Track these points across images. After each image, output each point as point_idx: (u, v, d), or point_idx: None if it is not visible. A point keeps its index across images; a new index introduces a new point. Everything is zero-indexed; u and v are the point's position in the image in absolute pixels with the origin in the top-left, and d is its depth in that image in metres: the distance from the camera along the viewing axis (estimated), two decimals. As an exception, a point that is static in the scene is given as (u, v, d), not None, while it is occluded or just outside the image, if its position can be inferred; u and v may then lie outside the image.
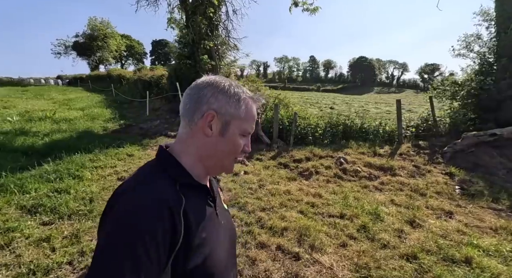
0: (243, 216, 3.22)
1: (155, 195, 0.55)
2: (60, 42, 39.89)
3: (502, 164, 5.48)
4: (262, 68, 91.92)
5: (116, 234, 0.49)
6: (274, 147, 6.48)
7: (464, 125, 6.75)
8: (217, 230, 0.68)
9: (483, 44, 7.44)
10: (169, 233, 0.52)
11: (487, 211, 3.77)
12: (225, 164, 0.69)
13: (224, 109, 0.64)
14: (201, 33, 7.78)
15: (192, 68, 8.32)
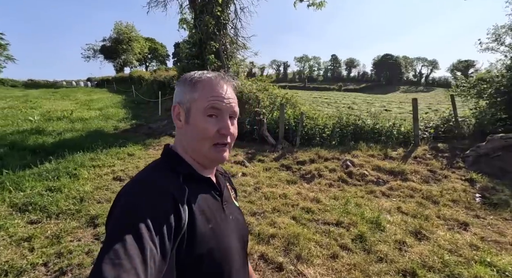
0: (230, 220, 3.08)
1: (159, 184, 0.58)
2: (89, 47, 42.31)
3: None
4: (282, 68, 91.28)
5: (120, 222, 0.51)
6: (278, 148, 6.27)
7: (492, 127, 6.09)
8: (224, 224, 0.68)
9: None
10: (173, 218, 0.53)
11: (510, 223, 3.31)
12: (204, 151, 0.66)
13: (183, 98, 0.66)
14: (208, 33, 7.76)
15: (200, 68, 8.33)
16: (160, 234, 0.50)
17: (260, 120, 6.93)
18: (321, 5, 6.21)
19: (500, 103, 6.22)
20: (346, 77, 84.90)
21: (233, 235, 0.70)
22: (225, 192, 0.77)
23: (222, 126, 0.65)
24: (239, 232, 0.74)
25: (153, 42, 56.05)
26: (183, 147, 0.68)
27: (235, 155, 5.56)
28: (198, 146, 0.66)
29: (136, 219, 0.49)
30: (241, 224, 0.78)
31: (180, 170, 0.64)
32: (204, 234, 0.60)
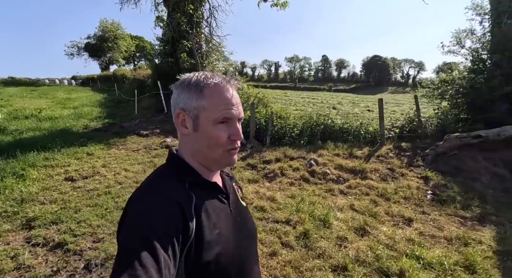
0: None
1: (165, 194, 0.58)
2: (73, 44, 41.08)
3: (486, 168, 5.07)
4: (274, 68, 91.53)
5: (131, 233, 0.52)
6: (247, 147, 6.29)
7: (453, 127, 6.33)
8: (232, 227, 0.67)
9: (476, 39, 6.97)
10: (180, 228, 0.54)
11: (451, 218, 3.46)
12: (216, 157, 0.66)
13: (189, 104, 0.64)
14: (180, 31, 7.69)
15: (174, 66, 8.25)
16: (171, 243, 0.51)
17: (232, 119, 6.93)
18: (284, 5, 6.28)
19: (461, 104, 6.47)
20: (336, 77, 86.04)
21: (242, 237, 0.70)
22: (232, 193, 0.76)
23: (233, 133, 0.65)
24: (248, 232, 0.75)
25: (141, 40, 55.02)
26: (191, 152, 0.67)
27: (201, 154, 5.54)
28: (210, 152, 0.66)
29: (147, 229, 0.51)
30: (249, 224, 0.78)
31: (186, 177, 0.64)
32: (211, 240, 0.60)
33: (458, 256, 2.57)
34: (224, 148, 0.65)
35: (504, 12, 6.64)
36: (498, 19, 6.72)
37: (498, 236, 2.99)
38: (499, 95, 6.17)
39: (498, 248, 2.75)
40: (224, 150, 0.65)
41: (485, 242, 2.85)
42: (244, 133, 6.75)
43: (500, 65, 6.28)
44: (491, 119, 5.98)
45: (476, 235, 2.99)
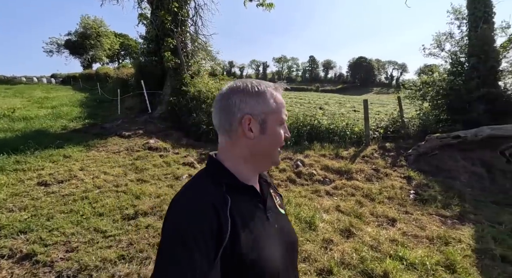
0: (158, 226, 2.93)
1: (202, 196, 0.61)
2: (52, 40, 39.37)
3: (465, 167, 5.25)
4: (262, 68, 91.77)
5: (170, 235, 0.56)
6: (234, 148, 6.20)
7: (434, 127, 6.52)
8: (268, 233, 0.67)
9: (454, 43, 7.23)
10: (215, 230, 0.56)
11: (433, 218, 3.53)
12: (273, 156, 0.72)
13: (256, 109, 0.68)
14: (165, 29, 7.48)
15: (158, 65, 8.03)
16: (206, 244, 0.54)
17: (218, 120, 6.82)
18: (270, 6, 6.26)
19: (441, 105, 6.68)
20: (323, 78, 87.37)
21: (278, 245, 0.69)
22: (269, 200, 0.76)
23: (286, 132, 0.73)
24: (286, 241, 0.73)
25: (126, 38, 53.54)
26: (246, 158, 0.70)
27: (185, 156, 5.40)
28: (271, 152, 0.71)
29: (183, 230, 0.54)
30: (287, 233, 0.77)
31: (223, 180, 0.66)
32: (246, 244, 0.60)
33: (439, 255, 2.61)
34: (279, 146, 0.72)
35: (480, 17, 6.93)
36: (475, 23, 7.01)
37: (476, 234, 3.07)
38: (476, 97, 6.43)
39: (477, 246, 2.82)
40: (278, 148, 0.72)
41: (464, 240, 2.92)
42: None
43: (477, 68, 6.55)
44: (469, 120, 6.22)
45: (456, 233, 3.06)
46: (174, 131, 7.06)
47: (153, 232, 2.86)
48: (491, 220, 3.48)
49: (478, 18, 6.92)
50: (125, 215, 3.15)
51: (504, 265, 2.52)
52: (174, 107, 7.61)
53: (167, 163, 4.91)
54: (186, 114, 7.16)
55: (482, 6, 6.94)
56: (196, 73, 8.36)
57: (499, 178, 5.06)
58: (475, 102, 6.22)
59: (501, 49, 6.92)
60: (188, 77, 7.83)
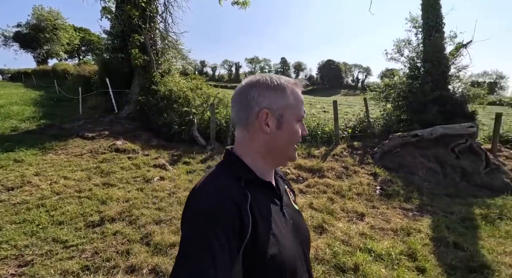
0: (128, 232, 2.77)
1: (222, 192, 0.60)
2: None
3: (422, 163, 5.74)
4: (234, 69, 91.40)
5: (191, 231, 0.55)
6: (208, 149, 6.09)
7: (395, 127, 7.04)
8: (285, 229, 0.67)
9: (412, 49, 7.89)
10: (237, 226, 0.55)
11: (396, 211, 3.80)
12: (289, 153, 0.71)
13: (275, 103, 0.67)
14: (132, 24, 7.09)
15: (125, 62, 7.59)
16: (228, 240, 0.53)
17: (190, 120, 6.64)
18: (245, 4, 6.28)
19: (402, 106, 7.24)
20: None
21: (294, 240, 0.69)
22: (285, 195, 0.76)
23: (303, 129, 0.71)
24: (300, 237, 0.73)
25: (88, 33, 49.75)
26: (262, 152, 0.69)
27: (156, 158, 5.17)
28: (287, 148, 0.70)
29: (207, 229, 0.53)
30: (301, 229, 0.76)
31: (242, 175, 0.65)
32: (266, 239, 0.60)
33: (403, 245, 2.81)
34: (295, 143, 0.70)
35: (433, 27, 7.65)
36: (428, 32, 7.71)
37: (433, 224, 3.37)
38: (430, 99, 7.07)
39: (433, 235, 3.09)
40: (294, 145, 0.71)
41: (423, 230, 3.19)
42: (204, 135, 6.55)
43: (430, 72, 7.21)
44: (425, 120, 6.83)
45: (416, 224, 3.33)
46: (143, 132, 6.73)
47: (122, 238, 2.69)
48: (444, 211, 3.84)
49: (431, 27, 7.63)
50: (89, 222, 2.92)
51: (456, 251, 2.80)
52: (143, 107, 7.25)
53: (136, 165, 4.66)
54: (156, 114, 6.86)
55: (434, 16, 7.66)
56: (167, 72, 8.06)
57: (450, 172, 5.62)
58: (430, 104, 6.84)
59: (450, 56, 7.71)
60: (158, 76, 7.52)
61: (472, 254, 2.71)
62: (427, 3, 7.75)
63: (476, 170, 5.51)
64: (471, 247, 2.83)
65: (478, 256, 2.67)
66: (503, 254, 2.75)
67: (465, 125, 6.02)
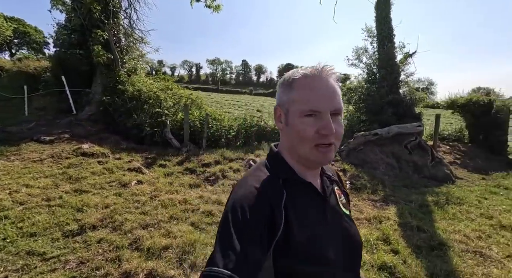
0: (114, 239, 2.62)
1: (258, 187, 0.60)
2: None
3: (382, 159, 6.43)
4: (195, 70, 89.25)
5: (228, 218, 0.56)
6: (183, 151, 5.95)
7: (357, 127, 7.74)
8: (326, 233, 0.64)
9: (369, 56, 8.77)
10: (269, 222, 0.56)
11: (367, 202, 4.23)
12: (304, 152, 0.64)
13: (281, 99, 0.67)
14: (93, 19, 6.57)
15: (84, 59, 6.97)
16: (260, 235, 0.53)
17: (163, 121, 6.41)
18: (217, 8, 6.32)
19: (362, 108, 8.00)
20: (256, 82, 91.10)
21: (338, 246, 0.64)
22: (331, 197, 0.71)
23: (322, 127, 0.60)
24: (347, 243, 0.67)
25: (22, 24, 43.73)
26: (286, 148, 0.68)
27: (129, 161, 4.89)
28: (298, 147, 0.64)
29: (239, 222, 0.54)
30: (350, 234, 0.70)
31: (280, 173, 0.65)
32: (300, 241, 0.58)
33: (378, 232, 3.17)
34: (311, 143, 0.61)
35: (386, 37, 8.60)
36: (382, 42, 8.65)
37: (398, 212, 3.85)
38: (386, 102, 7.94)
39: (400, 221, 3.53)
40: (311, 145, 0.62)
41: (391, 218, 3.62)
42: (178, 136, 6.37)
43: (385, 78, 8.10)
44: (382, 121, 7.64)
45: (385, 213, 3.76)
46: (109, 135, 6.27)
47: (108, 245, 2.55)
48: (405, 200, 4.39)
49: (384, 38, 8.58)
50: (67, 232, 2.69)
51: (419, 233, 3.25)
52: (107, 108, 6.75)
53: (109, 170, 4.36)
54: (124, 116, 6.45)
55: (386, 28, 8.63)
56: (133, 71, 7.62)
57: (405, 166, 6.40)
58: (386, 106, 7.70)
59: (400, 64, 8.76)
60: (124, 75, 7.07)
61: (432, 234, 3.18)
62: (380, 16, 8.69)
63: (424, 164, 6.37)
64: (430, 229, 3.32)
65: (436, 236, 3.15)
66: (453, 232, 3.28)
67: (415, 124, 6.91)
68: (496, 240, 3.09)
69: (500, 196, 4.78)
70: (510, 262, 2.66)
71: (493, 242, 3.04)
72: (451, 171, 6.27)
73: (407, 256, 2.72)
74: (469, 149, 8.04)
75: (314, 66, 0.64)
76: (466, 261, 2.64)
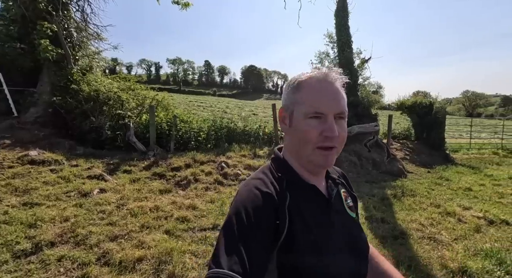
0: (78, 255, 2.36)
1: (261, 190, 0.60)
2: None
3: (346, 157, 6.87)
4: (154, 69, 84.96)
5: (230, 219, 0.57)
6: (150, 155, 5.62)
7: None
8: (331, 237, 0.63)
9: (330, 61, 9.33)
10: (273, 224, 0.56)
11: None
12: (306, 155, 0.64)
13: (286, 101, 0.67)
14: (38, 10, 5.82)
15: (28, 54, 6.14)
16: (263, 237, 0.54)
17: (125, 124, 5.96)
18: (186, 5, 6.12)
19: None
20: (219, 83, 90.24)
21: (343, 251, 0.63)
22: (336, 201, 0.71)
23: (325, 129, 0.61)
24: (353, 247, 0.66)
25: None
26: (289, 150, 0.69)
27: (89, 168, 4.45)
28: (301, 149, 0.64)
29: (240, 221, 0.55)
30: (355, 239, 0.69)
31: (284, 176, 0.65)
32: (304, 244, 0.58)
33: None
34: (313, 145, 0.62)
35: (345, 43, 9.23)
36: (342, 47, 9.26)
37: (364, 206, 4.15)
38: (347, 103, 8.51)
39: (366, 215, 3.82)
40: (314, 147, 0.62)
41: (359, 212, 3.89)
42: (144, 140, 6.00)
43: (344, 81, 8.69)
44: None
45: (352, 207, 4.02)
46: (62, 139, 5.62)
47: (72, 263, 2.29)
48: (368, 194, 4.75)
49: (343, 44, 9.20)
50: (18, 252, 2.34)
51: (383, 224, 3.55)
52: (58, 110, 6.04)
53: (65, 178, 3.90)
54: (80, 118, 5.84)
55: (345, 35, 9.27)
56: (88, 69, 6.95)
57: (365, 163, 6.94)
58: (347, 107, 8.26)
59: (358, 68, 9.48)
60: (78, 74, 6.40)
61: (394, 225, 3.50)
62: (339, 23, 9.30)
63: (381, 160, 6.99)
64: (392, 220, 3.65)
65: (398, 226, 3.48)
66: (411, 221, 3.65)
67: (373, 124, 7.55)
68: (444, 225, 3.53)
69: (443, 187, 5.47)
70: (457, 244, 3.06)
71: (443, 228, 3.46)
72: (403, 166, 6.98)
73: (375, 246, 2.94)
74: (415, 146, 9.04)
75: (321, 70, 0.65)
76: (423, 247, 2.97)
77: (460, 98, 77.76)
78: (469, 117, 37.73)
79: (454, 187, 5.40)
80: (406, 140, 9.80)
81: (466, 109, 70.47)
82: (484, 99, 73.30)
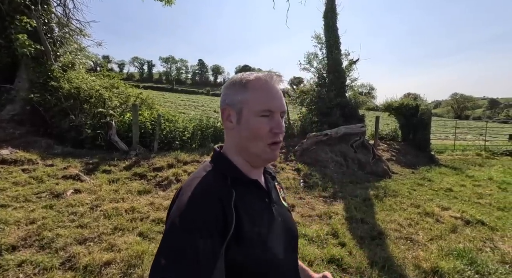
0: (40, 259, 2.25)
1: (207, 188, 0.61)
2: None
3: (332, 158, 6.90)
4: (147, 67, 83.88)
5: (175, 223, 0.56)
6: (132, 155, 5.49)
7: (310, 127, 8.17)
8: (272, 227, 0.67)
9: (319, 62, 9.36)
10: (220, 221, 0.56)
11: (318, 199, 4.47)
12: (257, 151, 0.67)
13: (234, 99, 0.68)
14: (14, 3, 5.61)
15: (5, 50, 5.91)
16: (211, 234, 0.54)
17: (107, 123, 5.81)
18: (169, 2, 6.00)
19: (313, 110, 8.47)
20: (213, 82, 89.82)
21: (282, 239, 0.68)
22: (274, 193, 0.75)
23: (275, 126, 0.65)
24: (288, 235, 0.72)
25: None
26: (235, 148, 0.69)
27: (65, 168, 4.30)
28: (252, 146, 0.66)
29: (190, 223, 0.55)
30: (290, 227, 0.74)
31: (228, 173, 0.66)
32: (250, 237, 0.60)
33: (327, 227, 3.37)
34: (265, 142, 0.66)
35: (333, 44, 9.27)
36: (330, 48, 9.30)
37: (345, 207, 4.15)
38: (334, 104, 8.55)
39: (347, 215, 3.82)
40: (265, 143, 0.66)
41: (340, 212, 3.89)
42: (126, 139, 5.86)
43: (334, 82, 8.73)
44: (331, 122, 8.21)
45: (334, 208, 4.02)
46: (39, 138, 5.43)
47: (33, 268, 2.18)
48: (351, 195, 4.76)
49: (332, 45, 9.24)
50: (-25, 258, 2.22)
51: (362, 225, 3.55)
52: (37, 107, 5.83)
53: (37, 179, 3.75)
54: (59, 116, 5.66)
55: (333, 36, 9.31)
56: (69, 66, 6.74)
57: (351, 164, 6.97)
58: (334, 108, 8.30)
59: (346, 70, 9.54)
60: (58, 70, 6.20)
61: (373, 225, 3.51)
62: (327, 25, 9.34)
63: (367, 161, 7.04)
64: (371, 220, 3.65)
65: (376, 226, 3.49)
66: (390, 222, 3.67)
67: (359, 125, 7.60)
68: (422, 226, 3.56)
69: (425, 187, 5.54)
70: (432, 244, 3.08)
71: (420, 228, 3.49)
72: (388, 167, 7.05)
73: (353, 247, 2.93)
74: (402, 147, 9.16)
75: (265, 72, 0.70)
76: (399, 247, 2.97)
77: (449, 101, 79.76)
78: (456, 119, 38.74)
79: (436, 188, 5.48)
80: (393, 141, 9.93)
81: (454, 111, 72.28)
82: (472, 102, 75.31)
